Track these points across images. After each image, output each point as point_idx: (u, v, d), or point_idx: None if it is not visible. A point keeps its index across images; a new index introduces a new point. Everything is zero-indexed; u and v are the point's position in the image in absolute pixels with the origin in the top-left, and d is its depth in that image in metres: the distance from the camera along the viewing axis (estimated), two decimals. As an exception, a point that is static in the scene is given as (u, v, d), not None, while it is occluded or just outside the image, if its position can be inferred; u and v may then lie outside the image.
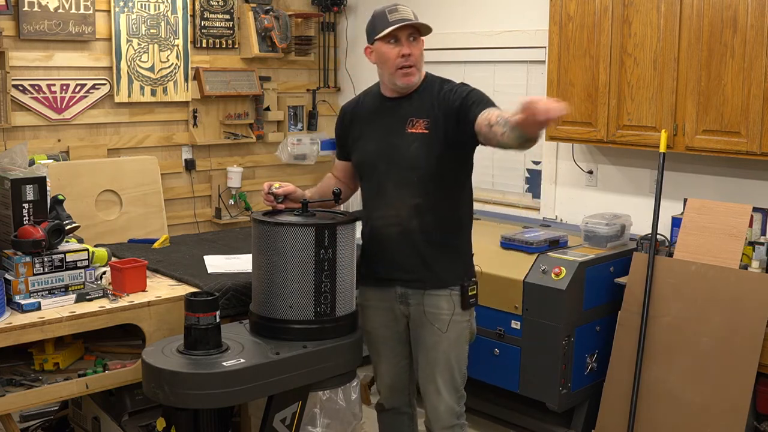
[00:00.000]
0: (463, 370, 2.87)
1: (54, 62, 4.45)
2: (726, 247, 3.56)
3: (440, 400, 2.83)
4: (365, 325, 2.95)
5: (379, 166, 2.81)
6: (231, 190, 5.20)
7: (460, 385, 2.87)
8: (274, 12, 5.23)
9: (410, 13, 2.75)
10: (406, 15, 2.73)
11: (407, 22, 2.71)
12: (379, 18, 2.74)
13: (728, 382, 3.42)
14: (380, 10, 2.76)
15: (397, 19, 2.70)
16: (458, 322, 2.80)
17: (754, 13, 3.43)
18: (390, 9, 2.73)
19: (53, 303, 2.69)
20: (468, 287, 2.80)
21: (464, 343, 2.86)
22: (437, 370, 2.82)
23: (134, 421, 3.00)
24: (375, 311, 2.93)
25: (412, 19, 2.73)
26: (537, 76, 4.67)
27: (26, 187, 2.72)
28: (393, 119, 2.79)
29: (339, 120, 3.01)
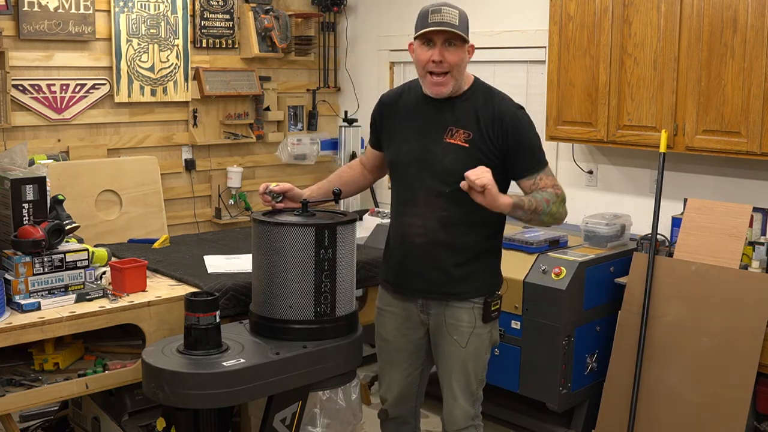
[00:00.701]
0: (480, 376, 2.83)
1: (54, 62, 4.45)
2: (726, 247, 3.56)
3: (456, 405, 2.80)
4: (381, 331, 2.91)
5: (411, 170, 2.70)
6: (231, 190, 5.20)
7: (476, 391, 2.83)
8: (274, 12, 5.23)
9: (455, 16, 2.55)
10: (448, 18, 2.53)
11: (440, 28, 2.53)
12: (421, 16, 2.58)
13: (728, 382, 3.42)
14: (426, 8, 2.58)
15: (435, 22, 2.53)
16: (478, 335, 2.75)
17: (754, 13, 3.43)
18: (434, 9, 2.56)
19: (53, 303, 2.69)
20: (491, 302, 2.72)
21: (483, 353, 2.79)
22: (454, 377, 2.78)
23: (134, 421, 3.00)
24: (394, 317, 2.86)
25: (450, 23, 2.53)
26: (537, 76, 4.67)
27: (26, 187, 2.72)
28: (432, 123, 2.66)
29: (377, 109, 2.86)
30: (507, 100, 2.70)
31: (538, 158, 2.67)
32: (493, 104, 2.66)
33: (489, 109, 2.64)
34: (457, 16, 2.55)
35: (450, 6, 2.58)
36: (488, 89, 2.72)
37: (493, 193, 2.42)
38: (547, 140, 4.29)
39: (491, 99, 2.68)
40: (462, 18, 2.57)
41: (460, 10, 2.58)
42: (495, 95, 2.70)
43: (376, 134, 2.87)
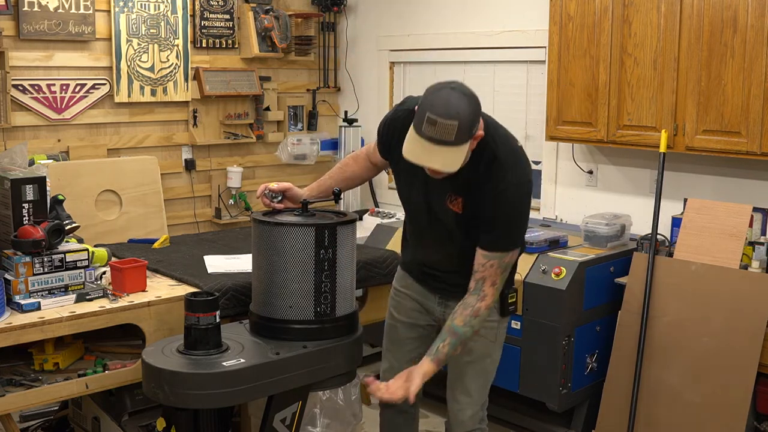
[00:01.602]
0: (494, 374, 2.83)
1: (54, 62, 4.45)
2: (726, 247, 3.56)
3: (467, 403, 2.79)
4: (393, 311, 2.90)
5: (420, 217, 2.69)
6: (231, 190, 5.20)
7: (488, 390, 2.84)
8: (274, 12, 5.23)
9: (451, 131, 2.26)
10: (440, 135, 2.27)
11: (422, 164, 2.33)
12: (419, 114, 2.31)
13: (728, 382, 3.42)
14: (426, 105, 2.29)
15: (424, 134, 2.29)
16: (494, 328, 2.75)
17: (754, 13, 3.43)
18: (430, 118, 2.26)
19: (53, 303, 2.69)
20: (508, 294, 2.72)
21: (499, 349, 2.80)
22: (469, 374, 2.77)
23: (134, 421, 3.00)
24: (410, 301, 2.86)
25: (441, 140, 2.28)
26: (537, 76, 4.67)
27: (26, 187, 2.72)
28: (434, 183, 2.52)
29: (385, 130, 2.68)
30: (509, 173, 2.46)
31: (503, 241, 2.52)
32: (492, 177, 2.46)
33: (487, 181, 2.46)
34: (455, 131, 2.26)
35: (450, 116, 2.26)
36: (492, 155, 2.46)
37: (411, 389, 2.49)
38: (547, 140, 4.30)
39: (492, 169, 2.46)
40: (462, 127, 2.27)
41: (461, 118, 2.27)
42: (498, 164, 2.46)
43: (384, 150, 2.75)
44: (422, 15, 5.26)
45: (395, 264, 3.31)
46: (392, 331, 2.93)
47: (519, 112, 4.83)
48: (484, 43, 4.90)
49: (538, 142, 4.72)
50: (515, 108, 4.84)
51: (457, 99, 2.29)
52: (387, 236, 4.40)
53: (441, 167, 2.33)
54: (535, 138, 4.76)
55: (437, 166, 2.33)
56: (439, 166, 2.33)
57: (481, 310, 2.54)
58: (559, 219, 4.61)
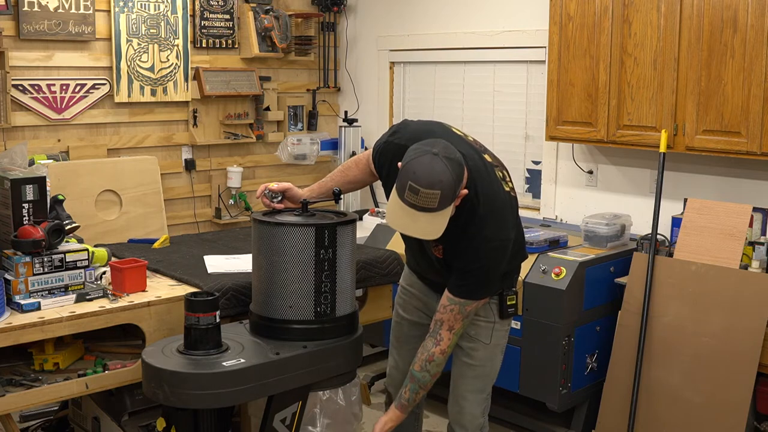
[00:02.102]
0: (494, 379, 2.84)
1: (54, 62, 4.45)
2: (726, 247, 3.56)
3: (467, 407, 2.80)
4: (399, 309, 2.95)
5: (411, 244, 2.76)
6: (231, 190, 5.20)
7: (489, 394, 2.84)
8: (274, 12, 5.23)
9: (434, 199, 2.27)
10: (423, 203, 2.28)
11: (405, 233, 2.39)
12: (401, 179, 2.32)
13: (728, 382, 3.42)
14: (409, 172, 2.29)
15: (406, 201, 2.31)
16: (496, 330, 2.76)
17: (754, 13, 3.43)
18: (412, 186, 2.27)
19: (53, 303, 2.69)
20: (507, 296, 2.73)
21: (500, 353, 2.81)
22: (469, 377, 2.78)
23: (134, 421, 3.00)
24: (416, 300, 2.90)
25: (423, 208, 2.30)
26: (537, 76, 4.67)
27: (26, 187, 2.72)
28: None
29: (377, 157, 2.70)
30: (485, 231, 2.47)
31: (470, 291, 2.54)
32: (469, 232, 2.47)
33: (465, 234, 2.48)
34: (437, 199, 2.27)
35: (432, 187, 2.26)
36: (473, 210, 2.46)
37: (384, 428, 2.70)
38: (547, 140, 4.30)
39: (471, 225, 2.47)
40: (445, 194, 2.28)
41: (444, 185, 2.26)
42: (478, 221, 2.47)
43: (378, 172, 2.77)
44: (422, 15, 5.26)
45: (395, 264, 3.32)
46: (398, 329, 2.97)
47: (519, 112, 4.83)
48: (484, 43, 4.90)
49: (538, 142, 4.72)
50: (515, 108, 4.84)
51: (440, 166, 2.28)
52: (387, 236, 4.40)
53: (422, 236, 2.38)
54: (535, 138, 4.76)
55: (418, 234, 2.39)
56: (421, 235, 2.38)
57: (435, 355, 2.61)
58: (559, 219, 4.61)
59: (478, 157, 2.55)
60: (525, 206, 4.81)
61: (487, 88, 4.95)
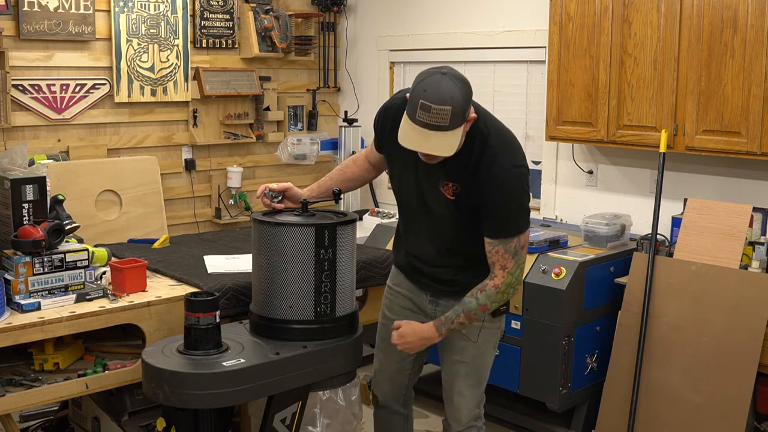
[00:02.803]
0: (487, 374, 2.85)
1: (54, 62, 4.45)
2: (726, 247, 3.56)
3: (462, 402, 2.80)
4: (386, 310, 2.92)
5: (413, 205, 2.69)
6: (231, 190, 5.20)
7: (483, 389, 2.85)
8: (274, 12, 5.23)
9: (446, 116, 2.27)
10: (435, 120, 2.28)
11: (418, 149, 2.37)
12: (411, 101, 2.32)
13: (728, 382, 3.42)
14: (419, 91, 2.30)
15: (419, 120, 2.30)
16: (487, 329, 2.76)
17: (754, 13, 3.43)
18: (424, 104, 2.27)
19: (53, 303, 2.69)
20: None
21: (492, 349, 2.82)
22: (462, 374, 2.79)
23: (134, 421, 3.00)
24: (403, 299, 2.88)
25: (436, 125, 2.29)
26: (537, 76, 4.67)
27: (26, 187, 2.72)
28: (426, 168, 2.54)
29: (379, 118, 2.70)
30: (499, 158, 2.47)
31: (503, 227, 2.52)
32: (484, 162, 2.47)
33: (480, 166, 2.47)
34: (449, 116, 2.28)
35: (443, 102, 2.27)
36: (484, 141, 2.47)
37: (418, 344, 2.67)
38: (547, 140, 4.30)
39: (484, 154, 2.47)
40: (456, 111, 2.29)
41: (454, 102, 2.28)
42: (489, 148, 2.47)
43: (379, 141, 2.78)
44: (422, 15, 5.26)
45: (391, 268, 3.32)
46: (383, 330, 2.94)
47: (519, 112, 4.83)
48: (484, 43, 4.90)
49: (538, 142, 4.72)
50: (515, 108, 4.84)
51: (449, 84, 2.30)
52: (387, 236, 4.40)
53: (437, 152, 2.35)
54: (535, 138, 4.76)
55: (433, 151, 2.34)
56: (435, 151, 2.34)
57: (487, 287, 2.57)
58: (559, 219, 4.61)
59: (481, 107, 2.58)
60: (525, 206, 4.81)
61: (487, 88, 4.95)
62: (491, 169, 2.46)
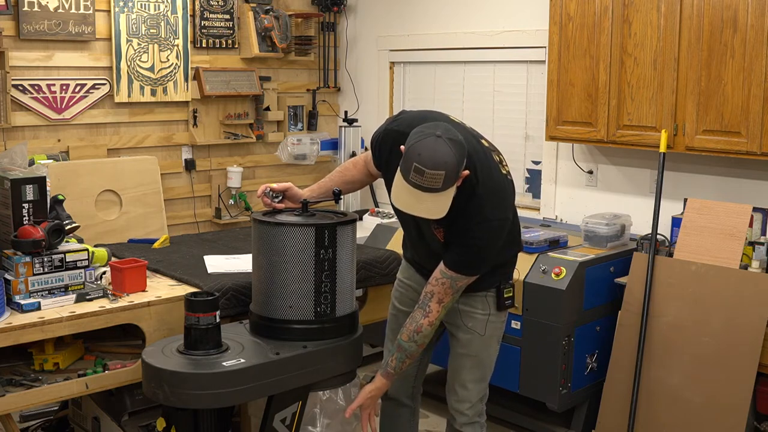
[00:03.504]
0: (491, 368, 2.88)
1: (54, 62, 4.45)
2: (726, 247, 3.56)
3: (465, 395, 2.83)
4: (395, 302, 2.97)
5: (412, 231, 2.77)
6: (231, 190, 5.20)
7: (487, 383, 2.88)
8: (274, 12, 5.23)
9: (438, 180, 2.32)
10: (428, 183, 2.33)
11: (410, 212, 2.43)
12: (405, 161, 2.37)
13: (728, 382, 3.42)
14: (414, 154, 2.34)
15: (412, 182, 2.36)
16: (492, 322, 2.79)
17: (754, 13, 3.43)
18: (417, 167, 2.32)
19: (53, 303, 2.69)
20: (504, 289, 2.77)
21: (496, 343, 2.85)
22: (467, 367, 2.81)
23: (134, 421, 3.00)
24: (413, 292, 2.90)
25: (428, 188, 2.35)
26: (537, 76, 4.67)
27: (26, 187, 2.72)
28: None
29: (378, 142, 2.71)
30: (485, 208, 2.52)
31: (463, 264, 2.57)
32: (469, 209, 2.52)
33: (465, 215, 2.53)
34: (442, 179, 2.33)
35: (437, 166, 2.31)
36: (472, 190, 2.51)
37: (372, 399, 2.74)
38: (547, 140, 4.30)
39: (471, 204, 2.52)
40: (449, 175, 2.33)
41: (448, 167, 2.32)
42: (477, 199, 2.52)
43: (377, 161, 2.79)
44: (422, 15, 5.26)
45: (395, 264, 3.32)
46: (394, 321, 2.98)
47: (519, 112, 4.83)
48: (484, 43, 4.90)
49: (538, 142, 4.72)
50: (515, 108, 4.84)
51: (444, 148, 2.34)
52: (387, 236, 4.40)
53: (428, 215, 2.43)
54: (535, 138, 4.76)
55: (424, 214, 2.43)
56: (427, 215, 2.43)
57: (423, 327, 2.65)
58: (559, 219, 4.61)
59: (475, 141, 2.61)
60: (525, 206, 4.81)
61: (487, 88, 4.95)
62: (473, 218, 2.53)
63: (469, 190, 2.51)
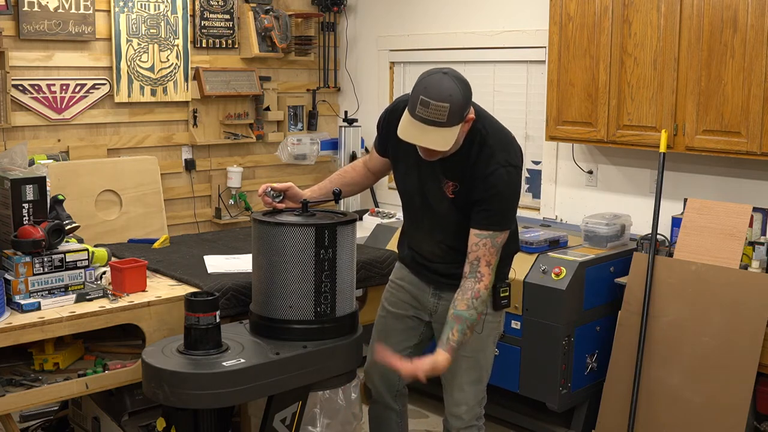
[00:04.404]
0: (490, 370, 2.86)
1: (54, 62, 4.45)
2: (726, 247, 3.56)
3: (462, 399, 2.81)
4: (385, 303, 2.95)
5: (416, 202, 2.74)
6: (231, 190, 5.20)
7: (484, 386, 2.86)
8: (274, 12, 5.23)
9: (443, 112, 2.36)
10: (433, 116, 2.36)
11: (418, 144, 2.43)
12: (412, 97, 2.41)
13: (728, 382, 3.42)
14: (420, 88, 2.40)
15: (417, 115, 2.39)
16: (488, 322, 2.78)
17: (754, 13, 3.43)
18: (423, 100, 2.36)
19: (53, 303, 2.69)
20: (500, 288, 2.76)
21: (492, 343, 2.84)
22: (464, 368, 2.79)
23: (134, 421, 3.00)
24: (405, 293, 2.90)
25: (433, 121, 2.38)
26: (537, 76, 4.67)
27: (26, 187, 2.72)
28: (428, 167, 2.62)
29: (385, 118, 2.76)
30: (496, 156, 2.55)
31: (494, 220, 2.56)
32: (482, 160, 2.55)
33: (478, 166, 2.55)
34: (447, 113, 2.36)
35: (442, 99, 2.36)
36: (483, 141, 2.56)
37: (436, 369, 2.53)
38: (547, 140, 4.30)
39: (482, 153, 2.55)
40: (454, 109, 2.37)
41: (453, 100, 2.36)
42: (486, 147, 2.56)
43: (383, 142, 2.81)
44: (422, 15, 5.26)
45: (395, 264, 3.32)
46: (381, 322, 2.97)
47: (519, 112, 4.83)
48: (484, 43, 4.90)
49: (538, 142, 4.72)
50: (515, 108, 4.84)
51: (450, 83, 2.39)
52: (387, 236, 4.40)
53: (433, 146, 2.42)
54: (535, 138, 4.75)
55: (429, 144, 2.42)
56: (431, 145, 2.42)
57: (480, 291, 2.58)
58: (559, 219, 4.61)
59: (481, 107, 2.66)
60: (525, 206, 4.81)
61: (487, 88, 4.95)
62: (488, 167, 2.54)
63: (480, 142, 2.55)
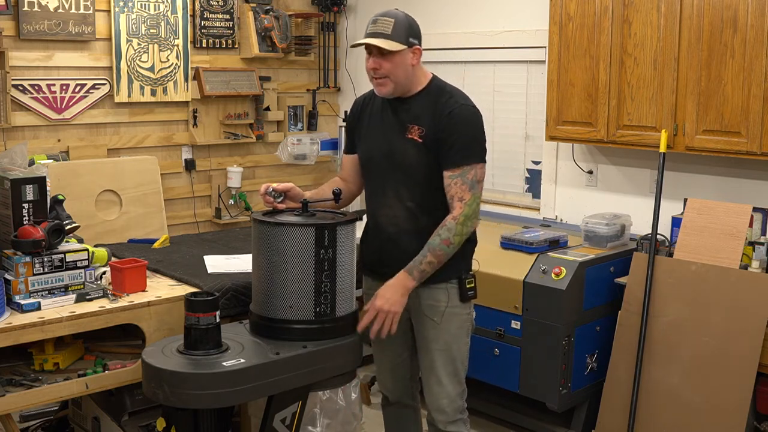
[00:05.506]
0: (465, 363, 2.89)
1: (54, 62, 4.45)
2: (726, 247, 3.56)
3: (442, 392, 2.84)
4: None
5: (380, 163, 2.84)
6: (231, 190, 5.20)
7: (462, 378, 2.88)
8: (274, 12, 5.23)
9: (389, 25, 2.68)
10: (380, 29, 2.68)
11: (367, 41, 2.69)
12: (367, 25, 2.76)
13: (728, 382, 3.42)
14: (372, 18, 2.76)
15: (368, 33, 2.71)
16: (457, 314, 2.82)
17: (754, 13, 3.43)
18: (373, 19, 2.73)
19: (53, 303, 2.69)
20: (465, 280, 2.81)
21: (465, 336, 2.87)
22: (439, 362, 2.83)
23: (134, 421, 3.01)
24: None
25: (381, 33, 2.68)
26: (537, 76, 4.67)
27: (26, 187, 2.72)
28: (394, 120, 2.81)
29: (351, 112, 3.02)
30: (455, 98, 2.78)
31: (462, 155, 2.71)
32: (441, 101, 2.76)
33: (438, 106, 2.75)
34: (391, 26, 2.67)
35: (388, 16, 2.69)
36: (441, 88, 2.82)
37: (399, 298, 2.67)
38: (547, 140, 4.30)
39: (441, 96, 2.77)
40: (398, 26, 2.68)
41: (398, 18, 2.68)
42: (445, 93, 2.79)
43: (351, 138, 3.00)
44: (422, 15, 5.21)
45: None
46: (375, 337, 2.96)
47: (519, 112, 4.83)
48: (484, 43, 4.90)
49: (538, 142, 4.72)
50: (515, 108, 4.84)
51: (399, 12, 2.72)
52: (387, 236, 4.39)
53: (379, 44, 2.65)
54: (535, 138, 4.75)
55: (374, 42, 2.65)
56: (376, 43, 2.65)
57: (447, 221, 2.70)
58: (559, 219, 4.61)
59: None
60: (525, 206, 4.81)
61: (487, 88, 4.95)
62: (449, 106, 2.74)
63: (439, 90, 2.79)
